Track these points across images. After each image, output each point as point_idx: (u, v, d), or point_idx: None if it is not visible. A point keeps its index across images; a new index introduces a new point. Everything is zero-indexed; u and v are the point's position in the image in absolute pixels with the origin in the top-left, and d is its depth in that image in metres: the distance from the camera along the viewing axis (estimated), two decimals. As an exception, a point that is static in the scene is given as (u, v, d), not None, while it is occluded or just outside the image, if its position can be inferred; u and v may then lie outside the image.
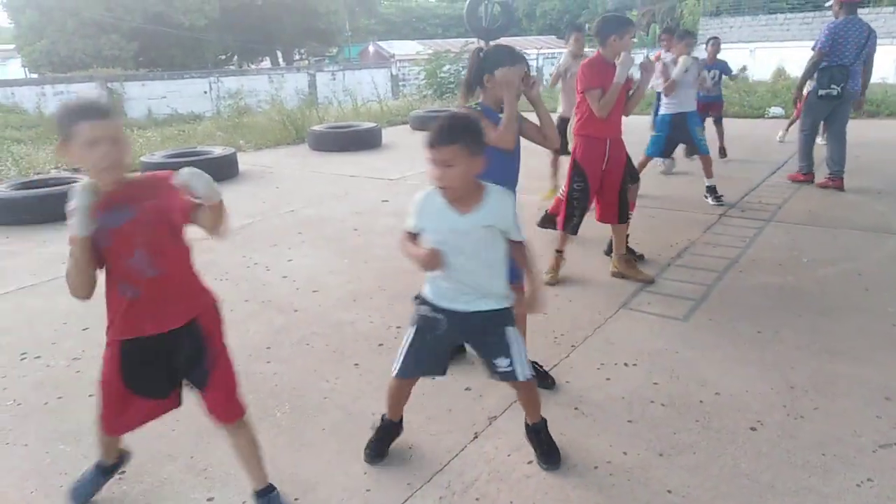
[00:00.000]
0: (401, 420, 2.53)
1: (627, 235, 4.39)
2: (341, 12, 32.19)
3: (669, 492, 2.23)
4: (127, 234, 1.86)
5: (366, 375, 3.11)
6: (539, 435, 2.44)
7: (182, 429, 2.69)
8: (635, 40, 4.07)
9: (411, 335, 2.33)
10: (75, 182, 4.46)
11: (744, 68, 12.40)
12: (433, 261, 2.08)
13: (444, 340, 2.32)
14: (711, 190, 6.19)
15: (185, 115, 15.75)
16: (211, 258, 4.92)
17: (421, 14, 45.44)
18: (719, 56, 8.09)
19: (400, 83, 25.71)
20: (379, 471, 2.40)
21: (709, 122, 7.52)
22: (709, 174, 6.17)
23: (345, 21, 33.68)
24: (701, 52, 8.02)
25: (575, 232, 4.20)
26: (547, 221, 4.98)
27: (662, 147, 6.32)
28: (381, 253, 4.99)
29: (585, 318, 3.68)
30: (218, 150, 8.37)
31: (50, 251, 5.05)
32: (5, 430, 2.71)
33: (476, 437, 2.58)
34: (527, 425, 2.47)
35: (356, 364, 3.22)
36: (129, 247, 1.87)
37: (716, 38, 8.19)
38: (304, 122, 11.35)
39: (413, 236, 2.22)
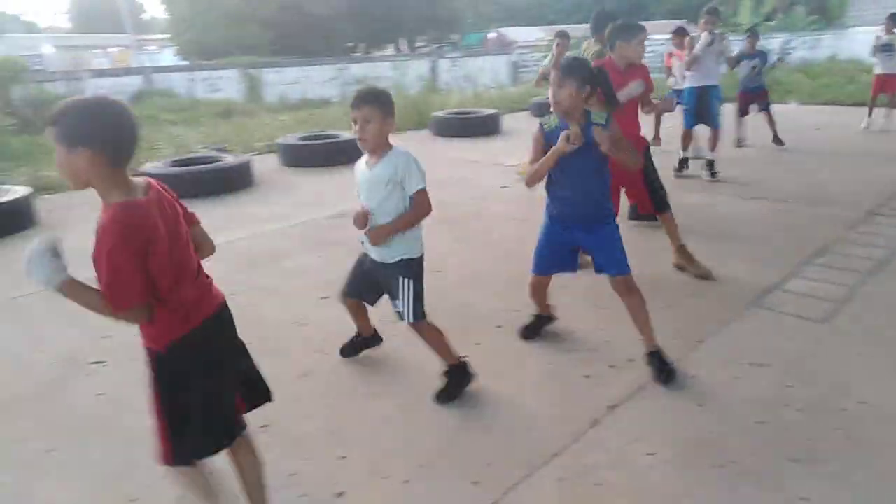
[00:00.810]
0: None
1: (676, 226, 4.24)
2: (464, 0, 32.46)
3: (804, 499, 2.14)
4: None
5: (485, 354, 3.19)
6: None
7: (317, 391, 2.90)
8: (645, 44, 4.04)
9: (355, 263, 3.01)
10: (220, 160, 4.77)
11: (781, 58, 11.98)
12: (359, 220, 2.63)
13: (368, 274, 2.91)
14: (710, 164, 6.58)
15: (315, 100, 16.56)
16: (340, 236, 5.21)
17: (544, 0, 44.77)
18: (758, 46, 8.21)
19: (519, 70, 25.56)
20: (497, 448, 2.47)
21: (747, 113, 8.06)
22: (712, 147, 6.56)
23: (467, 8, 33.90)
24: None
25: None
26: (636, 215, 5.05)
27: (694, 118, 6.63)
28: (499, 238, 5.05)
29: (713, 314, 3.55)
30: (346, 135, 8.76)
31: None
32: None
33: (596, 423, 2.59)
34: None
35: (477, 343, 3.31)
36: None
37: (753, 29, 8.50)
38: (427, 107, 11.60)
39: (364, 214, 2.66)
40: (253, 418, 2.67)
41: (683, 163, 6.89)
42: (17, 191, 5.88)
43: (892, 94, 8.94)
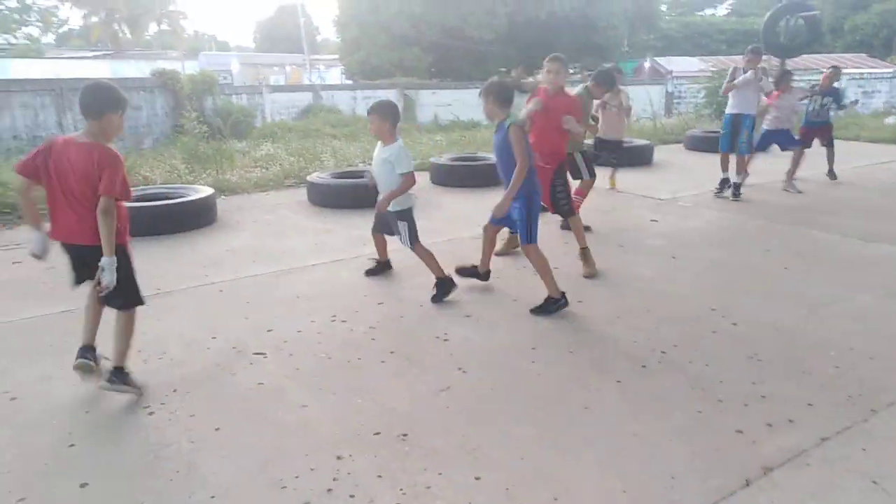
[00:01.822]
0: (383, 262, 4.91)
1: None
2: (621, 27, 31.85)
3: None
4: None
5: (627, 394, 3.09)
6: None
7: (456, 408, 2.96)
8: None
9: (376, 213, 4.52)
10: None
11: (856, 101, 11.13)
12: (371, 186, 4.53)
13: (382, 218, 4.52)
14: (736, 186, 7.44)
15: (465, 122, 17.02)
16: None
17: (704, 29, 42.73)
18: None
19: (675, 100, 24.61)
20: (638, 493, 2.38)
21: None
22: (739, 171, 7.44)
23: (623, 36, 33.26)
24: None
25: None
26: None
27: (729, 142, 7.48)
28: (647, 273, 4.88)
29: (891, 378, 3.18)
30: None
31: (357, 234, 5.88)
32: (320, 378, 3.26)
33: (748, 484, 2.41)
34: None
35: (618, 381, 3.21)
36: None
37: (836, 67, 8.77)
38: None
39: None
40: (393, 427, 2.79)
41: (724, 183, 7.67)
42: (204, 191, 6.59)
43: None
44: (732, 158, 7.60)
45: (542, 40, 29.84)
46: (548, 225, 6.40)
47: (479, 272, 4.63)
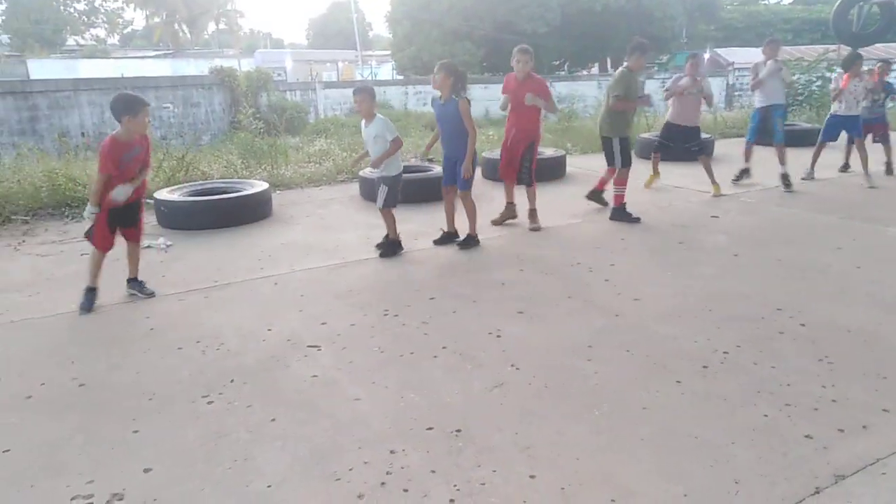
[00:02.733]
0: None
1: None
2: (679, 18, 30.98)
3: None
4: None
5: (688, 395, 2.98)
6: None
7: (509, 405, 2.92)
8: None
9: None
10: (430, 169, 6.25)
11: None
12: (362, 156, 5.42)
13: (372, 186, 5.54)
14: (784, 176, 7.40)
15: (517, 117, 16.86)
16: (538, 253, 5.22)
17: (768, 19, 41.10)
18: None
19: (736, 93, 23.81)
20: (700, 498, 2.29)
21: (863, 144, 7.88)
22: (782, 161, 7.39)
23: (682, 27, 32.35)
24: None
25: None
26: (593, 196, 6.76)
27: (756, 134, 7.65)
28: (708, 271, 4.71)
29: (977, 388, 2.98)
30: (549, 152, 8.79)
31: (408, 227, 5.88)
32: (373, 371, 3.27)
33: (818, 492, 2.29)
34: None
35: (678, 381, 3.10)
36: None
37: (886, 60, 8.67)
38: (632, 128, 11.22)
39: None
40: (446, 423, 2.77)
41: (744, 172, 7.79)
42: (260, 185, 6.73)
43: None
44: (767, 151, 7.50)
45: (597, 32, 29.34)
46: (594, 224, 6.32)
47: (450, 236, 5.52)
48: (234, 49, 36.97)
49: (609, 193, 6.41)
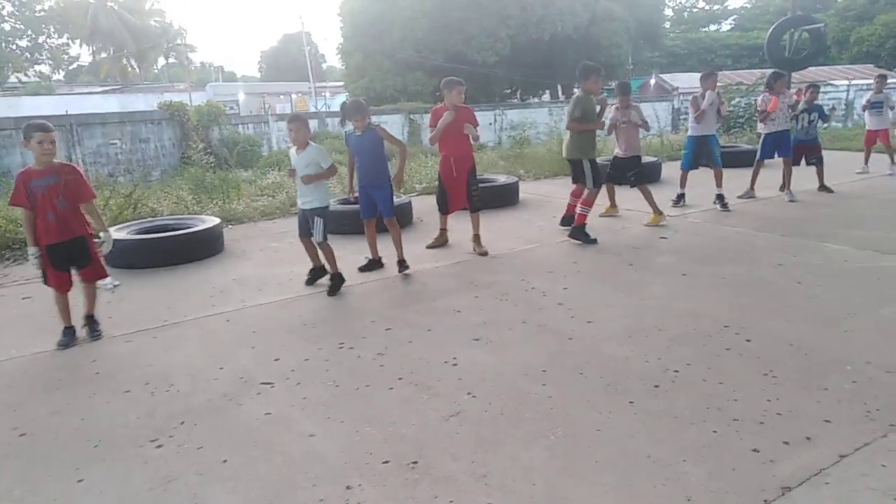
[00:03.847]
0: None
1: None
2: (625, 45, 32.06)
3: None
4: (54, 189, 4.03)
5: (640, 415, 3.03)
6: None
7: (466, 433, 2.92)
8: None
9: (299, 217, 5.26)
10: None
11: (833, 109, 11.10)
12: (290, 176, 5.17)
13: (303, 219, 5.17)
14: (720, 197, 7.78)
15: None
16: (492, 279, 5.27)
17: (709, 45, 42.96)
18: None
19: (681, 117, 24.64)
20: (654, 517, 2.32)
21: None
22: (719, 183, 7.77)
23: (628, 54, 33.46)
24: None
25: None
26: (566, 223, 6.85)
27: (690, 162, 7.98)
28: (658, 291, 4.83)
29: (911, 395, 3.11)
30: (502, 179, 8.93)
31: (365, 258, 5.88)
32: (328, 406, 3.23)
33: (766, 505, 2.35)
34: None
35: (631, 402, 3.15)
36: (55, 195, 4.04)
37: (815, 84, 9.23)
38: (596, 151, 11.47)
39: (292, 171, 5.13)
40: (402, 455, 2.75)
41: (681, 197, 8.15)
42: (211, 220, 6.63)
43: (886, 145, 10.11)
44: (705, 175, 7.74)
45: (546, 61, 30.10)
46: (548, 249, 6.42)
47: (375, 263, 5.71)
48: (185, 83, 36.61)
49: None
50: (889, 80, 8.94)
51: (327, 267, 5.20)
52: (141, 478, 2.67)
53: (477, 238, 6.18)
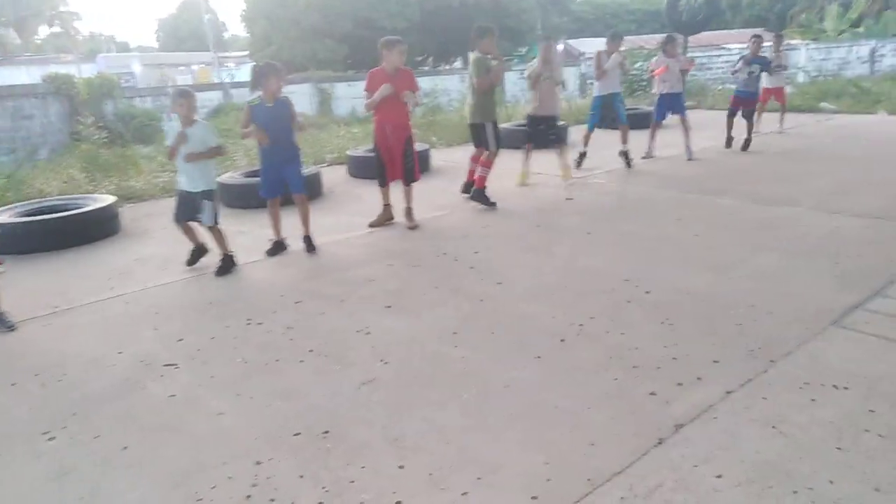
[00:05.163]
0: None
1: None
2: (534, 10, 32.32)
3: (888, 533, 1.99)
4: None
5: (547, 369, 3.14)
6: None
7: (379, 400, 2.93)
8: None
9: (177, 199, 4.95)
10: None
11: (780, 65, 11.04)
12: (171, 156, 4.81)
13: (185, 202, 4.85)
14: (624, 154, 8.14)
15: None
16: (406, 247, 5.27)
17: (615, 10, 44.00)
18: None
19: (588, 81, 25.21)
20: (559, 463, 2.42)
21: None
22: (624, 140, 8.09)
23: (537, 19, 33.77)
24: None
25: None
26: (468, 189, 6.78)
27: (596, 121, 8.33)
28: (563, 251, 4.98)
29: (789, 331, 3.37)
30: (414, 147, 8.86)
31: (270, 233, 5.72)
32: (236, 384, 3.15)
33: (661, 442, 2.49)
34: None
35: (538, 357, 3.26)
36: None
37: (758, 35, 9.28)
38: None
39: (174, 149, 4.71)
40: (314, 426, 2.74)
41: (582, 156, 8.36)
42: (106, 199, 6.24)
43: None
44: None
45: (456, 26, 29.85)
46: (460, 214, 6.47)
47: (280, 245, 5.30)
48: (72, 54, 33.99)
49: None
50: (765, 44, 9.38)
51: (219, 249, 4.87)
52: (33, 472, 2.52)
53: (409, 211, 5.88)
